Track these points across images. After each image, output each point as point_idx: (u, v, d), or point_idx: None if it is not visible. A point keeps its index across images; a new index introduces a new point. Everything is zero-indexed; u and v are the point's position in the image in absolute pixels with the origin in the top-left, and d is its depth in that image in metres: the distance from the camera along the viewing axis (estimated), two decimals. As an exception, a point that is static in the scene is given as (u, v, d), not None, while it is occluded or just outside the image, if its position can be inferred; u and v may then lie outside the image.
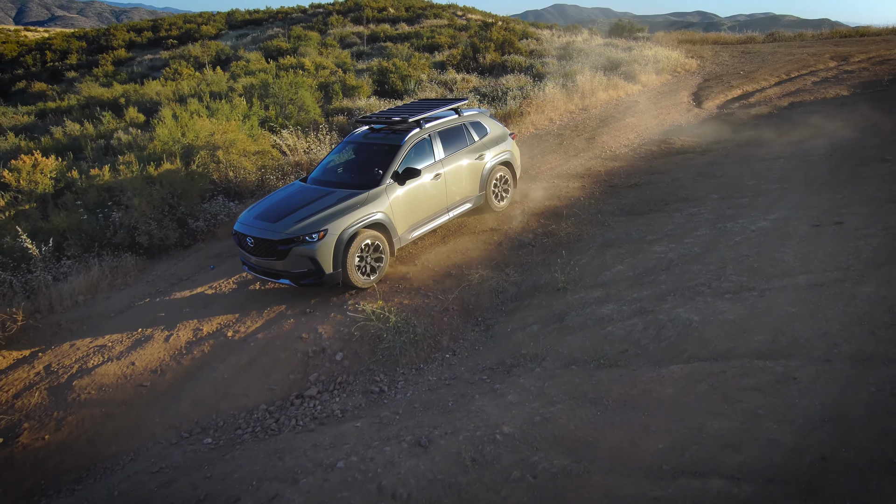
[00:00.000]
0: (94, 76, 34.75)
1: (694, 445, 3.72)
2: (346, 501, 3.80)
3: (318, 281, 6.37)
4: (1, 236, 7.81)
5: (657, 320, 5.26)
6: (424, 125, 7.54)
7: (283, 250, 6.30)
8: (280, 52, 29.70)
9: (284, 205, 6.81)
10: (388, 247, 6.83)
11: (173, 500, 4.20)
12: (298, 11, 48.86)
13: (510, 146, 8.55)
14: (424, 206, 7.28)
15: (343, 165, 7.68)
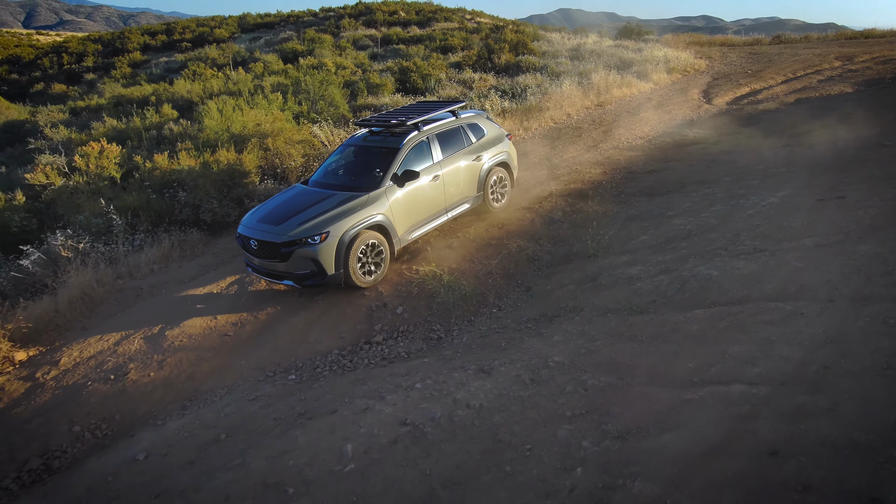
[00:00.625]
0: (112, 77, 35.75)
1: (718, 364, 4.49)
2: (428, 410, 4.58)
3: (320, 282, 6.55)
4: (80, 212, 8.62)
5: (681, 276, 6.03)
6: (423, 128, 7.66)
7: (286, 252, 6.47)
8: (296, 55, 30.59)
9: (286, 208, 6.97)
10: (389, 247, 7.01)
11: (275, 416, 4.99)
12: (309, 15, 49.81)
13: (507, 147, 8.69)
14: (423, 208, 7.45)
15: (343, 168, 7.81)
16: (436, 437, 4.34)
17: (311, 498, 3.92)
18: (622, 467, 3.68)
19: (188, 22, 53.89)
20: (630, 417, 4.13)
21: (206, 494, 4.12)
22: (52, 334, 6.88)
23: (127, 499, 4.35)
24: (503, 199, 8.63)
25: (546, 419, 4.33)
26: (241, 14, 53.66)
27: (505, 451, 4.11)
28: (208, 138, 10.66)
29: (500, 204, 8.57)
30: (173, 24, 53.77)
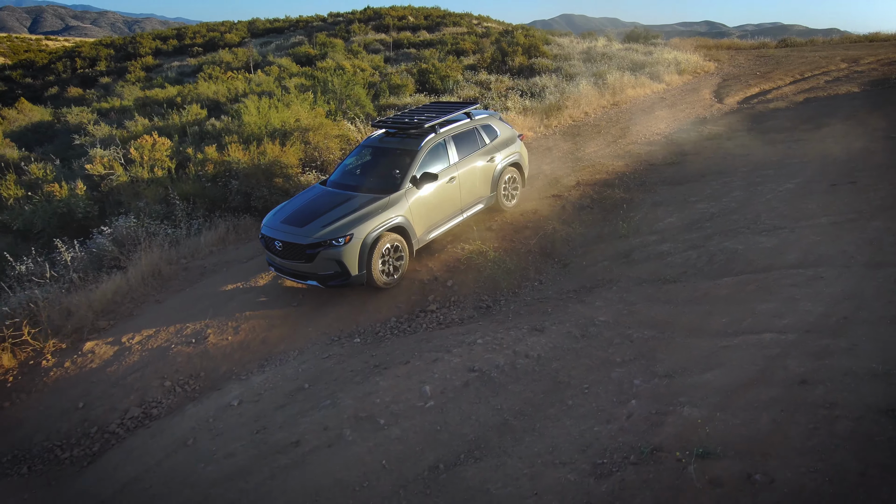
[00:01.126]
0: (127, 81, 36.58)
1: (748, 318, 5.10)
2: (492, 360, 5.20)
3: (344, 282, 6.73)
4: (140, 199, 9.27)
5: (708, 251, 6.65)
6: (439, 130, 7.80)
7: (311, 254, 6.65)
8: (309, 58, 31.36)
9: (309, 209, 7.12)
10: (408, 248, 7.16)
11: (351, 369, 5.61)
12: (318, 20, 50.65)
13: (519, 147, 8.85)
14: (441, 209, 7.60)
15: (361, 169, 7.95)
16: (502, 380, 4.96)
17: (400, 427, 4.54)
18: (671, 398, 4.29)
19: (199, 27, 54.87)
20: (674, 361, 4.75)
21: (305, 427, 4.75)
22: (128, 306, 7.51)
23: (231, 434, 4.97)
24: (514, 198, 8.86)
25: (599, 365, 4.95)
26: (250, 19, 54.58)
27: (565, 389, 4.73)
28: (252, 133, 11.31)
29: (511, 203, 8.80)
30: (184, 30, 54.73)
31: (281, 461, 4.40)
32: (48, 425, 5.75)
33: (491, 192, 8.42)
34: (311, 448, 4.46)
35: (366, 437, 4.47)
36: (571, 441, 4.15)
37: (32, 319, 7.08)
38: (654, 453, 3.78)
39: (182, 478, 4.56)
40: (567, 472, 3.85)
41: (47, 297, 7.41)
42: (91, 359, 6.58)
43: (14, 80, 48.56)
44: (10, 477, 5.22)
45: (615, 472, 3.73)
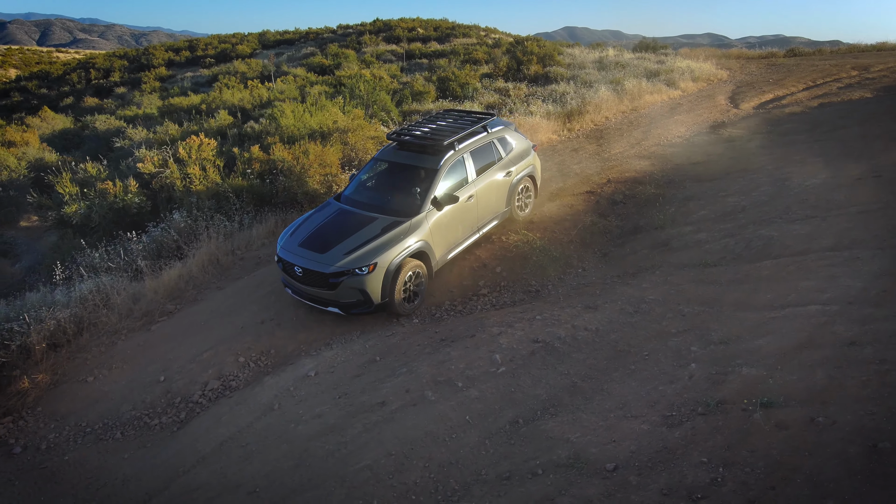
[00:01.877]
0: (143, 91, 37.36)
1: (792, 294, 5.51)
2: (553, 332, 5.61)
3: (367, 310, 6.62)
4: (192, 195, 9.74)
5: (744, 238, 7.06)
6: (458, 147, 7.56)
7: (334, 283, 6.48)
8: (323, 68, 32.05)
9: (328, 232, 6.91)
10: (427, 272, 7.03)
11: (418, 343, 6.02)
12: (328, 32, 51.53)
13: (533, 158, 8.72)
14: (459, 228, 7.43)
15: (378, 185, 7.78)
16: (565, 350, 5.37)
17: (477, 389, 4.95)
18: (729, 361, 4.69)
19: (210, 39, 55.88)
20: (727, 331, 5.15)
21: (387, 390, 5.15)
22: (192, 292, 7.94)
23: (314, 400, 5.38)
24: (527, 208, 8.76)
25: (655, 335, 5.36)
26: (261, 31, 55.58)
27: (626, 356, 5.14)
28: (291, 134, 11.81)
29: (524, 213, 8.70)
30: (195, 41, 55.76)
31: (371, 418, 4.80)
32: (133, 397, 6.16)
33: (507, 206, 8.28)
34: (398, 407, 4.87)
35: (447, 397, 4.88)
36: (639, 399, 4.55)
37: (105, 303, 7.51)
38: (720, 405, 4.18)
39: (276, 435, 4.96)
40: (639, 423, 4.25)
41: (116, 283, 7.85)
42: (164, 338, 7.00)
43: (30, 90, 49.51)
44: (106, 441, 5.62)
45: (685, 422, 4.12)
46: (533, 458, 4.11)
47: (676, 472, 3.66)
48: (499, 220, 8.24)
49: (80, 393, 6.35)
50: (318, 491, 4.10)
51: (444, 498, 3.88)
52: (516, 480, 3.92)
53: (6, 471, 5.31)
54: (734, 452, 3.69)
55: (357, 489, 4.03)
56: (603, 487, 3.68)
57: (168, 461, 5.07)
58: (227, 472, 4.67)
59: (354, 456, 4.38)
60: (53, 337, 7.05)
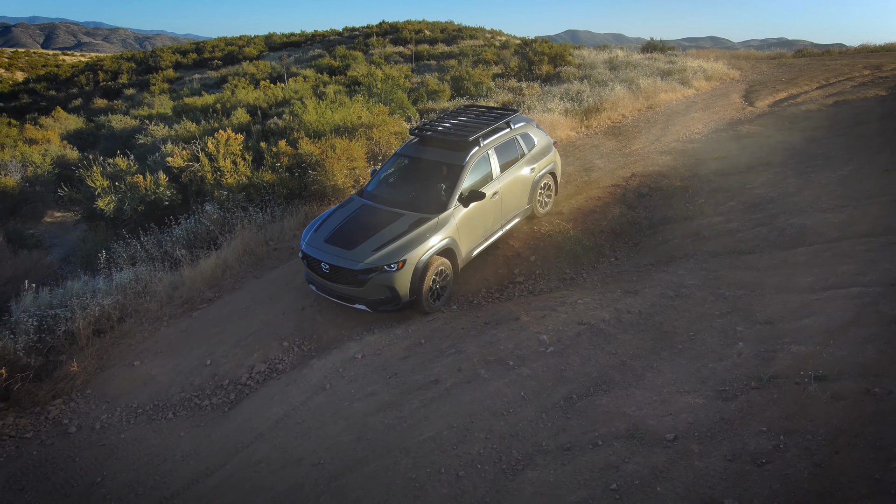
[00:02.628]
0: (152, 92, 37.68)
1: (832, 277, 5.62)
2: (597, 315, 5.72)
3: (395, 307, 6.54)
4: (223, 188, 9.88)
5: (777, 226, 7.18)
6: (482, 143, 7.49)
7: (362, 279, 6.40)
8: (332, 70, 32.27)
9: (355, 228, 6.83)
10: (453, 269, 6.96)
11: (462, 326, 6.14)
12: (335, 34, 51.87)
13: (554, 155, 8.68)
14: (484, 225, 7.37)
15: (402, 181, 7.72)
16: (610, 331, 5.48)
17: (528, 367, 5.07)
18: (776, 340, 4.80)
19: (217, 41, 56.36)
20: (770, 312, 5.26)
21: (438, 370, 5.27)
22: (230, 280, 8.08)
23: (365, 380, 5.50)
24: (548, 204, 8.74)
25: (699, 317, 5.47)
26: (267, 34, 56.01)
27: (672, 337, 5.25)
28: (316, 129, 11.96)
29: (545, 209, 8.68)
30: (202, 44, 56.20)
31: (427, 395, 4.92)
32: (181, 380, 6.29)
33: (528, 203, 8.24)
34: (452, 384, 4.99)
35: (500, 374, 5.00)
36: (690, 375, 4.66)
37: (145, 291, 7.65)
38: (773, 380, 4.29)
39: (332, 412, 5.08)
40: (694, 397, 4.36)
41: (154, 272, 7.99)
42: (206, 324, 7.13)
43: (38, 92, 49.95)
44: (159, 421, 5.75)
45: (740, 396, 4.24)
46: (591, 430, 4.23)
47: (738, 441, 3.77)
48: (521, 216, 8.21)
49: (127, 376, 6.48)
50: (383, 461, 4.22)
51: (508, 467, 4.00)
52: (577, 451, 4.03)
53: (64, 448, 5.44)
54: (793, 422, 3.80)
55: (423, 458, 4.14)
56: (666, 455, 3.79)
57: (225, 438, 5.19)
58: (286, 446, 4.79)
59: (416, 429, 4.50)
60: (98, 323, 7.20)
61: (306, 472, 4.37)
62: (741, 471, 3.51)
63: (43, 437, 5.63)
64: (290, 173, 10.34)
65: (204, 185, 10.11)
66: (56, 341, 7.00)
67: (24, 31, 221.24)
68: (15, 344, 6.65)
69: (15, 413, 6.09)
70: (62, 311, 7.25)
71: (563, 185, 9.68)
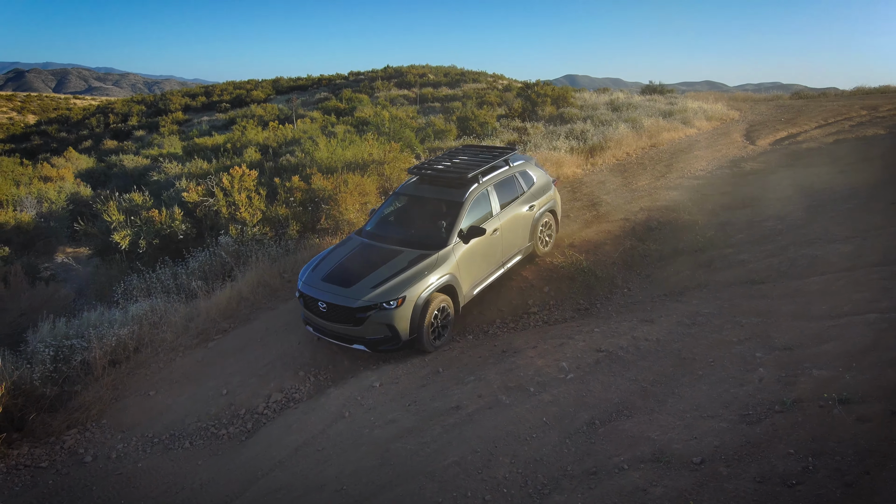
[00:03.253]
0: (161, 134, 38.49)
1: (848, 305, 5.67)
2: (615, 342, 5.75)
3: (395, 347, 6.39)
4: (237, 222, 10.03)
5: (788, 257, 7.26)
6: (482, 180, 7.50)
7: (360, 318, 6.27)
8: (338, 112, 33.02)
9: (353, 266, 6.75)
10: (454, 307, 6.83)
11: (479, 355, 6.15)
12: (340, 78, 53.22)
13: (554, 193, 8.66)
14: (485, 262, 7.31)
15: (401, 219, 7.69)
16: (629, 358, 5.50)
17: (549, 393, 5.07)
18: (796, 365, 4.82)
19: (225, 85, 57.85)
20: (788, 338, 5.29)
21: (458, 396, 5.27)
22: (245, 311, 8.13)
23: (384, 408, 5.49)
24: (549, 243, 8.67)
25: (717, 344, 5.49)
26: (274, 78, 57.53)
27: (692, 364, 5.27)
28: (328, 166, 12.20)
29: (547, 248, 8.60)
30: (211, 87, 57.64)
31: (448, 420, 4.91)
32: (197, 409, 6.28)
33: (529, 240, 8.19)
34: (473, 410, 4.98)
35: (521, 400, 5.00)
36: (712, 400, 4.66)
37: (161, 322, 7.69)
38: (796, 403, 4.29)
39: (352, 440, 5.06)
40: (717, 422, 4.36)
41: (170, 304, 8.06)
42: (222, 354, 7.15)
43: (49, 134, 51.00)
44: (175, 450, 5.72)
45: (764, 419, 4.23)
46: (616, 454, 4.21)
47: (766, 463, 3.75)
48: (522, 254, 8.12)
49: (143, 406, 6.47)
50: (408, 486, 4.19)
51: (534, 491, 3.97)
52: (604, 475, 4.01)
53: (81, 478, 5.40)
54: (820, 444, 3.80)
55: (448, 483, 4.12)
56: (693, 479, 3.78)
57: (244, 466, 5.15)
58: (307, 473, 4.76)
59: (439, 454, 4.48)
60: (114, 353, 7.22)
61: (329, 498, 4.33)
62: (772, 492, 3.49)
63: (59, 467, 5.59)
64: (303, 208, 10.51)
65: (219, 219, 10.27)
66: (71, 371, 7.01)
67: (36, 76, 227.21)
68: (31, 374, 6.67)
69: (30, 443, 6.06)
70: (78, 342, 7.28)
71: (573, 219, 9.84)
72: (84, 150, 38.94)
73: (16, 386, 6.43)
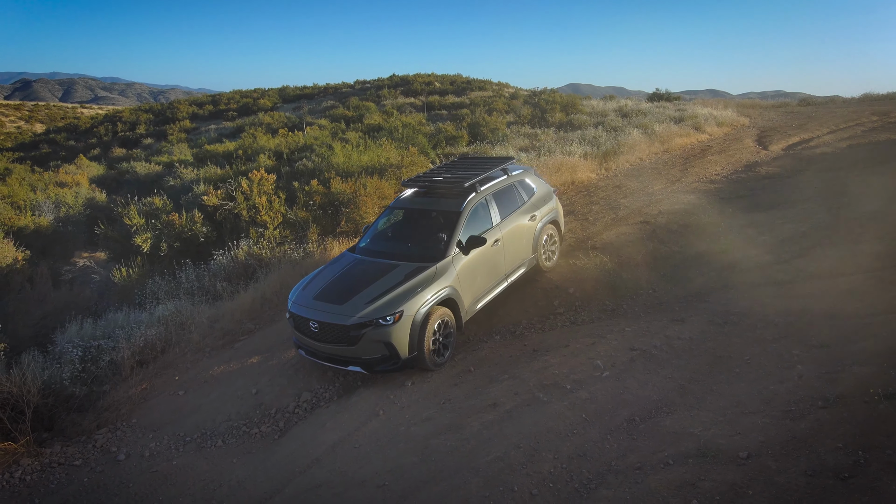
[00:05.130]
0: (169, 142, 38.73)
1: (881, 303, 5.66)
2: (648, 341, 5.75)
3: (394, 367, 5.95)
4: (256, 225, 10.09)
5: (813, 258, 7.29)
6: (480, 189, 7.19)
7: (354, 336, 5.84)
8: (346, 119, 33.19)
9: (346, 282, 6.37)
10: (456, 322, 6.44)
11: (509, 355, 6.16)
12: (346, 87, 53.57)
13: (555, 203, 8.38)
14: (487, 275, 6.98)
15: (397, 233, 7.38)
16: (663, 357, 5.50)
17: (586, 391, 5.07)
18: (835, 362, 4.82)
19: (232, 94, 58.26)
20: (825, 336, 5.30)
21: (495, 394, 5.27)
22: (269, 313, 8.16)
23: (417, 406, 5.49)
24: (554, 257, 8.36)
25: (752, 342, 5.49)
26: (280, 86, 57.95)
27: (728, 362, 5.26)
28: (345, 170, 12.27)
29: (551, 262, 8.27)
30: (218, 96, 58.05)
31: (486, 417, 4.91)
32: (227, 409, 6.28)
33: (532, 252, 7.83)
34: (511, 407, 4.99)
35: (558, 398, 5.00)
36: (752, 397, 4.66)
37: (187, 323, 7.72)
38: (840, 399, 4.29)
39: (389, 437, 5.06)
40: (760, 418, 4.35)
41: (194, 305, 8.09)
42: (249, 354, 7.17)
43: (58, 142, 51.35)
44: (208, 449, 5.72)
45: (808, 415, 4.23)
46: (660, 450, 4.20)
47: (815, 457, 3.74)
48: (526, 267, 7.74)
49: (173, 405, 6.49)
50: (452, 481, 4.19)
51: (581, 486, 3.97)
52: (649, 470, 4.00)
53: (116, 475, 5.40)
54: (869, 438, 3.78)
55: (493, 478, 4.11)
56: (742, 473, 3.77)
57: (280, 463, 5.15)
58: (346, 470, 4.76)
59: (481, 450, 4.48)
60: (142, 353, 7.25)
61: (372, 494, 4.33)
62: (825, 485, 3.48)
63: (92, 465, 5.60)
64: (323, 211, 10.56)
65: (239, 222, 10.32)
66: (99, 371, 7.05)
67: (43, 86, 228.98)
68: (61, 373, 6.70)
69: (61, 442, 6.07)
70: (105, 343, 7.32)
71: (592, 222, 9.87)
72: (93, 158, 39.19)
73: (46, 386, 6.46)
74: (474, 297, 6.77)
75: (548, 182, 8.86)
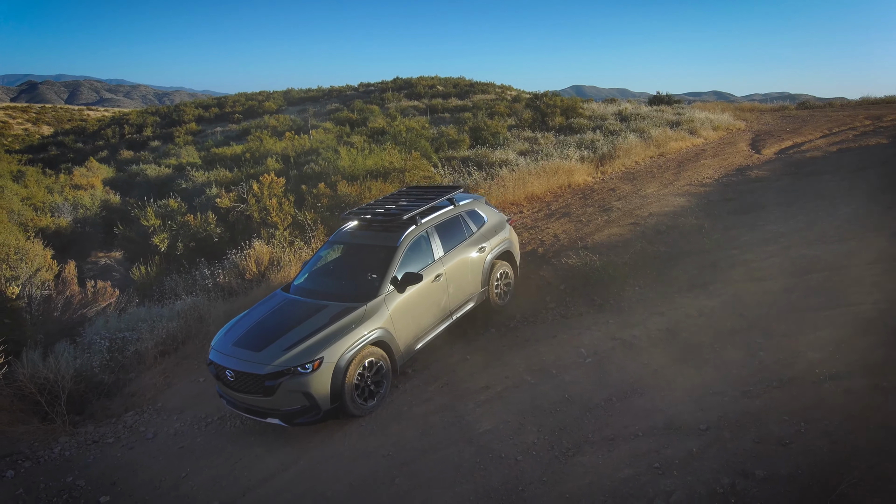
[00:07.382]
0: (176, 144, 39.44)
1: (842, 298, 6.20)
2: (629, 332, 6.31)
3: (315, 419, 5.49)
4: (268, 225, 10.68)
5: (790, 257, 7.80)
6: (420, 221, 6.82)
7: (270, 386, 5.40)
8: (350, 122, 33.82)
9: (268, 326, 5.94)
10: (391, 363, 6.01)
11: (503, 345, 6.72)
12: (350, 90, 54.23)
13: (508, 233, 8.01)
14: (427, 313, 6.52)
15: (333, 271, 6.98)
16: (642, 345, 6.06)
17: (570, 375, 5.64)
18: (794, 349, 5.39)
19: (237, 96, 59.01)
20: (788, 327, 5.85)
21: (487, 378, 5.84)
22: (281, 308, 8.73)
23: (417, 390, 6.06)
24: (507, 296, 7.97)
25: (721, 333, 6.05)
26: (285, 89, 58.66)
27: (699, 349, 5.82)
28: (351, 174, 12.87)
29: (503, 301, 7.88)
30: (223, 99, 58.79)
31: (480, 398, 5.49)
32: (244, 394, 6.85)
33: (482, 286, 7.43)
34: (502, 389, 5.56)
35: (545, 381, 5.57)
36: (717, 380, 5.21)
37: (205, 316, 8.32)
38: (792, 380, 4.85)
39: (394, 416, 5.63)
40: (722, 397, 4.91)
41: (211, 300, 8.68)
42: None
43: (66, 144, 52.19)
44: (228, 429, 6.29)
45: (763, 394, 4.79)
46: (632, 424, 4.77)
47: (763, 428, 4.31)
48: (475, 301, 7.33)
49: (193, 391, 7.08)
50: (450, 450, 4.76)
51: (560, 453, 4.53)
52: (621, 441, 4.57)
53: (146, 451, 5.99)
54: (812, 412, 4.35)
55: (484, 447, 4.68)
56: (700, 441, 4.33)
57: (294, 440, 5.73)
58: (354, 444, 5.33)
59: (475, 424, 5.06)
60: (164, 344, 7.83)
61: (377, 462, 4.90)
62: (768, 450, 4.04)
63: (124, 442, 6.19)
64: (330, 213, 11.15)
65: (250, 223, 10.91)
66: (125, 360, 7.63)
67: (49, 88, 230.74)
68: (91, 362, 7.29)
69: (93, 424, 6.67)
70: (129, 335, 7.91)
71: (585, 223, 10.43)
72: (101, 161, 39.94)
73: (78, 373, 7.06)
74: (414, 336, 6.36)
75: (501, 211, 8.51)
